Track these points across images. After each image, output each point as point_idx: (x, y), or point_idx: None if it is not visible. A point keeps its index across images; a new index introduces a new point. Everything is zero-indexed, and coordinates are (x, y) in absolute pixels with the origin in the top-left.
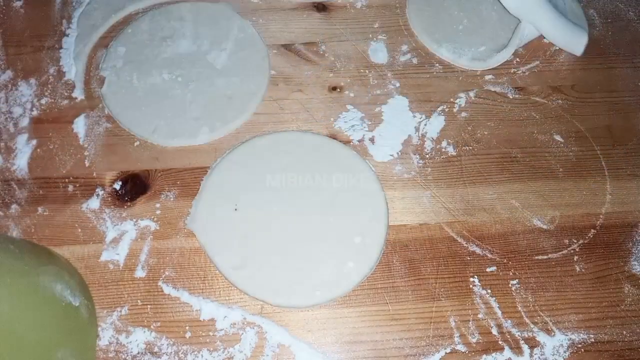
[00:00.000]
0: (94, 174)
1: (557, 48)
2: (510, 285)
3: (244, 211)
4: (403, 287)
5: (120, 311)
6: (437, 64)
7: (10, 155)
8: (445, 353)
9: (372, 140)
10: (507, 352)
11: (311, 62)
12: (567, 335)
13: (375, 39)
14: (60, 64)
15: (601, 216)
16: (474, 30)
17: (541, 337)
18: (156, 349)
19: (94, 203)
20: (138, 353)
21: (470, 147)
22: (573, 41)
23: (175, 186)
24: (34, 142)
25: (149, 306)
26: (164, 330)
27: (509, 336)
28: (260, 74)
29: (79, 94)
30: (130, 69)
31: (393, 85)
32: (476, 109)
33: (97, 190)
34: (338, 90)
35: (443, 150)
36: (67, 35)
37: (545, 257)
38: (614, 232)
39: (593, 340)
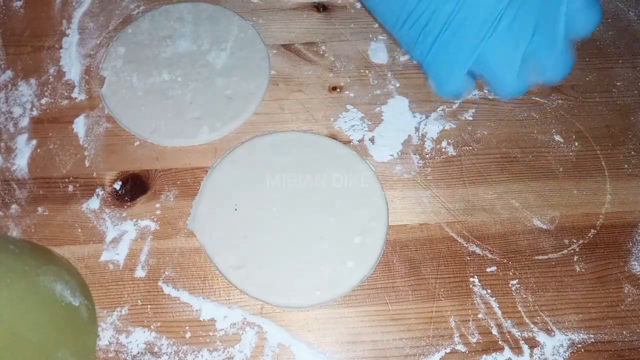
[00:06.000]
0: (94, 174)
1: None
2: (510, 285)
3: (244, 211)
4: (403, 287)
5: (120, 311)
6: None
7: (10, 155)
8: (445, 353)
9: (372, 140)
10: (507, 352)
11: (311, 62)
12: (567, 335)
13: (375, 39)
14: (60, 64)
15: (601, 216)
16: None
17: (541, 337)
18: (156, 349)
19: (94, 203)
20: (138, 353)
21: (470, 147)
22: None
23: (175, 186)
24: (34, 142)
25: (149, 306)
26: (164, 330)
27: (509, 336)
28: (260, 74)
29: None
30: (130, 69)
31: (393, 85)
32: (476, 108)
33: (97, 190)
34: (338, 90)
35: (443, 150)
36: (67, 35)
37: (545, 257)
38: (614, 232)
39: (593, 340)
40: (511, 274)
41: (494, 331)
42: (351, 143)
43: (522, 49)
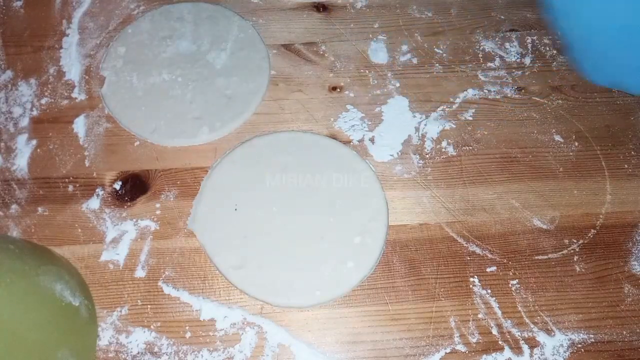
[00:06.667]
0: (94, 174)
1: (558, 48)
2: (510, 285)
3: (244, 211)
4: (403, 287)
5: (120, 311)
6: (437, 64)
7: (10, 155)
8: (445, 353)
9: (372, 140)
10: (507, 352)
11: (311, 62)
12: (567, 335)
13: (375, 39)
14: (60, 64)
15: (601, 216)
16: None
17: (541, 337)
18: (156, 349)
19: (94, 203)
20: (138, 353)
21: (470, 147)
22: None
23: (175, 186)
24: (34, 142)
25: (149, 306)
26: (164, 330)
27: (509, 336)
28: (260, 74)
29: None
30: (130, 69)
31: (393, 85)
32: (476, 108)
33: (97, 190)
34: (338, 90)
35: (443, 150)
36: (67, 35)
37: (545, 257)
38: (614, 232)
39: (593, 340)
40: (511, 274)
41: (494, 331)
42: (351, 143)
43: None
